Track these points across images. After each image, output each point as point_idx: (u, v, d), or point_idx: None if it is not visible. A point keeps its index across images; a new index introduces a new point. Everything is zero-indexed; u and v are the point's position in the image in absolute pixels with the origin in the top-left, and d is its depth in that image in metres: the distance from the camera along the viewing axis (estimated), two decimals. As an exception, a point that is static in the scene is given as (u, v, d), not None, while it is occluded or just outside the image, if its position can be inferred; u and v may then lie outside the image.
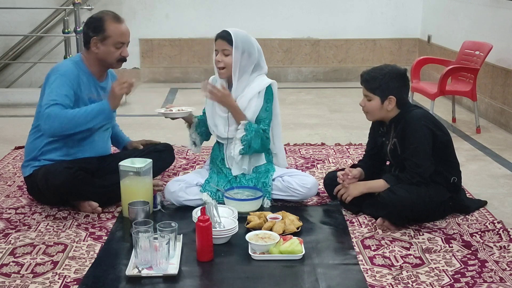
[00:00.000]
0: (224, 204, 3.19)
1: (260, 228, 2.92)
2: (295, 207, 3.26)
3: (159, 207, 3.26)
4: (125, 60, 3.32)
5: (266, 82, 3.30)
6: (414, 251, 2.79)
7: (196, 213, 2.96)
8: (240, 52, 3.21)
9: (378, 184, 3.11)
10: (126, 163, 3.14)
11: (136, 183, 3.11)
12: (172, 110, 3.33)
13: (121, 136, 3.75)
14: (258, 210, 3.18)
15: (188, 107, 3.40)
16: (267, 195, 3.28)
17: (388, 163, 3.36)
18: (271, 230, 2.88)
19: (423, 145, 3.01)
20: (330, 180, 3.35)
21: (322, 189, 3.47)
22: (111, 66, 3.33)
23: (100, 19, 3.21)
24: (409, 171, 3.02)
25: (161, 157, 3.58)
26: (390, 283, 2.49)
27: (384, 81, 3.05)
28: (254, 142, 3.21)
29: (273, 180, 3.33)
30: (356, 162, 3.55)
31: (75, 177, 3.07)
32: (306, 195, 3.29)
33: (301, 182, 3.27)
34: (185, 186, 3.27)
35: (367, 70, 3.15)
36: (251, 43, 3.26)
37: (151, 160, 3.20)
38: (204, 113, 3.50)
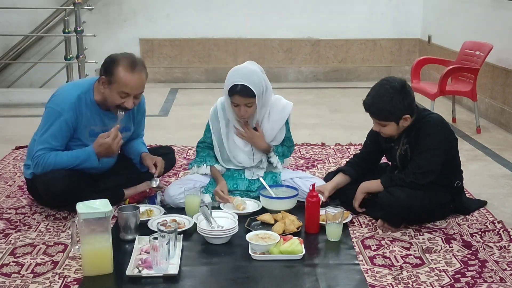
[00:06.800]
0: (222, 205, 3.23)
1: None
2: (295, 207, 3.25)
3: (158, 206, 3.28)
4: (126, 110, 3.08)
5: (287, 111, 3.36)
6: (414, 251, 2.79)
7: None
8: (261, 96, 3.17)
9: (375, 185, 3.11)
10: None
11: None
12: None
13: (137, 148, 3.39)
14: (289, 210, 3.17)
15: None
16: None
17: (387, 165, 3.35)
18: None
19: (433, 151, 2.97)
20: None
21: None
22: (111, 108, 3.11)
23: (114, 61, 3.00)
24: (408, 170, 3.00)
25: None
26: (390, 283, 2.49)
27: (395, 107, 2.90)
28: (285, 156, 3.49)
29: (283, 181, 3.38)
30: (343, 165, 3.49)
31: (75, 185, 3.01)
32: None
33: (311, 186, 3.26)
34: (184, 190, 3.26)
35: (370, 100, 2.96)
36: (262, 78, 3.17)
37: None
38: (206, 138, 3.43)
